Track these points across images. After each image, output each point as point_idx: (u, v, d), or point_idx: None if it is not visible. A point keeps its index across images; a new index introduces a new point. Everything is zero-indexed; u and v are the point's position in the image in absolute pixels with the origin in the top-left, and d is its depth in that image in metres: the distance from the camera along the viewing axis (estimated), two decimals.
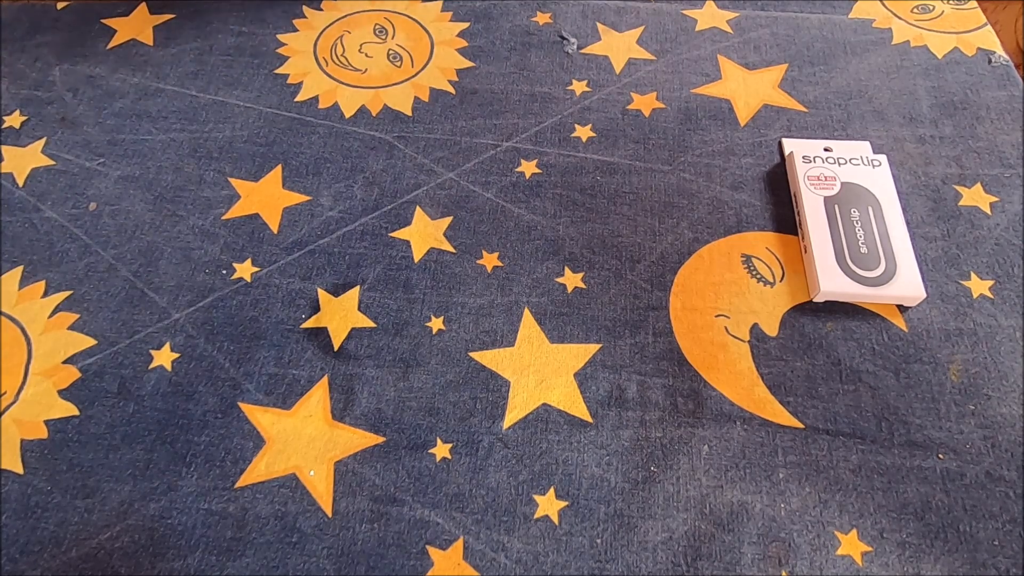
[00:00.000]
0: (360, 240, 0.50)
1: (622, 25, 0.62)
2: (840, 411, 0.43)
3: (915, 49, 0.59)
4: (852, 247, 0.47)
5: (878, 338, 0.46)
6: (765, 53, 0.60)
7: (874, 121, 0.55)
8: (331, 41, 0.61)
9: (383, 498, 0.41)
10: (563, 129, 0.56)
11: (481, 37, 0.61)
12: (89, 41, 0.61)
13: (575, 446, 0.42)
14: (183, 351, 0.46)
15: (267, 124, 0.56)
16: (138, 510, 0.41)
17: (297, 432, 0.43)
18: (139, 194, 0.53)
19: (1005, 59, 0.58)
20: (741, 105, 0.57)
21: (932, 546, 0.39)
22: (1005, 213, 0.50)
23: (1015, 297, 0.47)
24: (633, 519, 0.40)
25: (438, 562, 0.39)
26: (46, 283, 0.48)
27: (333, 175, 0.53)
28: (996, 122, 0.55)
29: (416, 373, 0.45)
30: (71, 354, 0.46)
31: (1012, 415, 0.43)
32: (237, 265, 0.49)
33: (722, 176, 0.53)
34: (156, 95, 0.58)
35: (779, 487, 0.41)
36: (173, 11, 0.63)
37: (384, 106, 0.57)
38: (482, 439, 0.43)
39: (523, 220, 0.51)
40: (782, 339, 0.46)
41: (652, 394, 0.44)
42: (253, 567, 0.39)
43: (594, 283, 0.48)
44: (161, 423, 0.43)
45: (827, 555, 0.39)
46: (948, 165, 0.53)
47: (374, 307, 0.47)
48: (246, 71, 0.59)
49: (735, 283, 0.48)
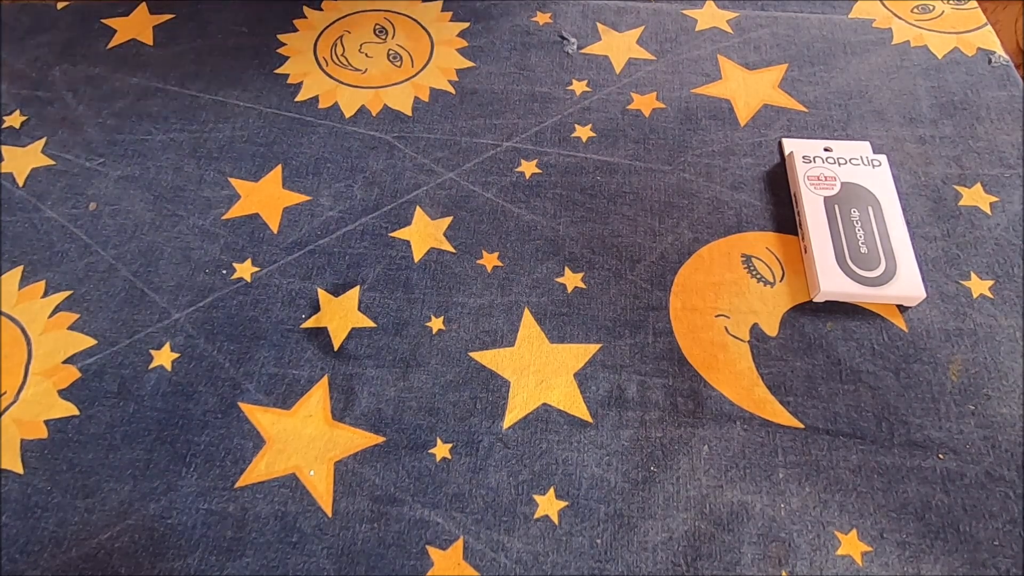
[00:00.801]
0: (360, 240, 0.50)
1: (622, 25, 0.62)
2: (840, 411, 0.43)
3: (915, 49, 0.59)
4: (852, 247, 0.47)
5: (878, 338, 0.46)
6: (765, 53, 0.60)
7: (874, 121, 0.55)
8: (331, 41, 0.61)
9: (383, 498, 0.41)
10: (563, 129, 0.56)
11: (481, 37, 0.61)
12: (89, 41, 0.61)
13: (575, 446, 0.42)
14: (183, 351, 0.46)
15: (267, 124, 0.56)
16: (138, 510, 0.41)
17: (297, 432, 0.43)
18: (139, 194, 0.53)
19: (1005, 59, 0.58)
20: (741, 105, 0.57)
21: (932, 546, 0.39)
22: (1005, 213, 0.50)
23: (1015, 297, 0.47)
24: (633, 519, 0.40)
25: (438, 562, 0.39)
26: (46, 283, 0.48)
27: (333, 175, 0.53)
28: (996, 122, 0.55)
29: (416, 373, 0.45)
30: (71, 354, 0.46)
31: (1012, 415, 0.43)
32: (237, 265, 0.49)
33: (722, 176, 0.53)
34: (156, 95, 0.58)
35: (779, 487, 0.41)
36: (173, 11, 0.63)
37: (384, 106, 0.57)
38: (482, 439, 0.43)
39: (523, 220, 0.51)
40: (782, 339, 0.46)
41: (652, 394, 0.44)
42: (253, 567, 0.39)
43: (594, 283, 0.48)
44: (161, 423, 0.43)
45: (827, 555, 0.39)
46: (948, 165, 0.53)
47: (374, 307, 0.47)
48: (246, 71, 0.59)
49: (735, 283, 0.48)
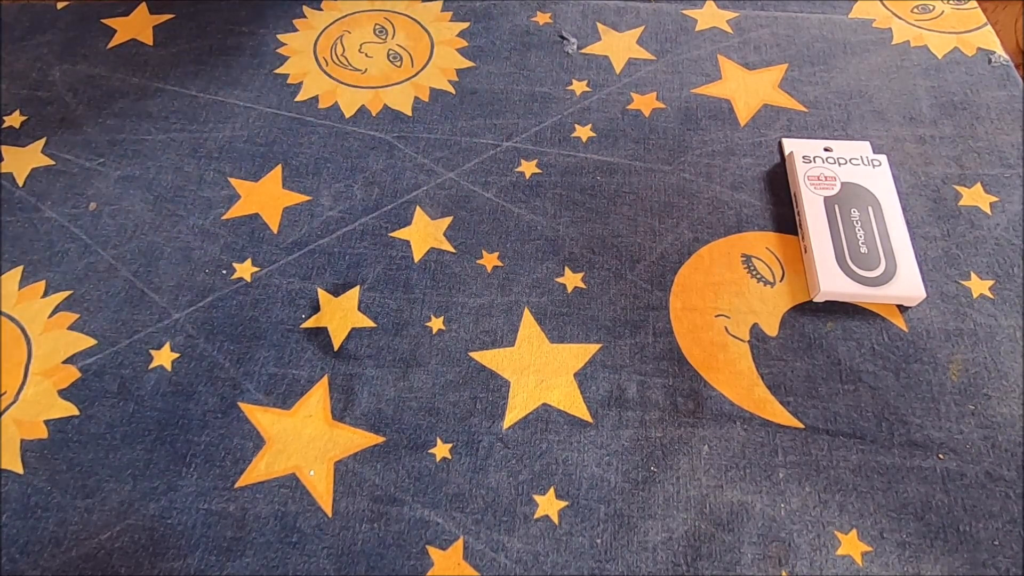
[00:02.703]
0: (360, 240, 0.50)
1: (622, 25, 0.62)
2: (840, 411, 0.43)
3: (915, 49, 0.59)
4: (852, 247, 0.47)
5: (878, 338, 0.46)
6: (765, 53, 0.60)
7: (874, 121, 0.55)
8: (331, 41, 0.61)
9: (383, 498, 0.41)
10: (563, 129, 0.56)
11: (481, 37, 0.61)
12: (89, 41, 0.61)
13: (575, 446, 0.42)
14: (183, 351, 0.46)
15: (267, 124, 0.56)
16: (138, 510, 0.41)
17: (297, 432, 0.43)
18: (139, 194, 0.53)
19: (1005, 59, 0.58)
20: (741, 105, 0.57)
21: (932, 546, 0.39)
22: (1005, 213, 0.50)
23: (1015, 297, 0.47)
24: (633, 519, 0.40)
25: (438, 562, 0.39)
26: (46, 283, 0.48)
27: (333, 175, 0.53)
28: (996, 122, 0.55)
29: (416, 373, 0.45)
30: (71, 354, 0.46)
31: (1012, 415, 0.43)
32: (237, 265, 0.49)
33: (722, 176, 0.53)
34: (156, 95, 0.58)
35: (779, 487, 0.41)
36: (173, 11, 0.63)
37: (384, 106, 0.57)
38: (482, 439, 0.43)
39: (523, 220, 0.51)
40: (782, 339, 0.46)
41: (652, 394, 0.44)
42: (253, 567, 0.39)
43: (594, 283, 0.48)
44: (161, 423, 0.43)
45: (827, 555, 0.39)
46: (948, 165, 0.53)
47: (374, 307, 0.47)
48: (246, 71, 0.59)
49: (735, 283, 0.48)
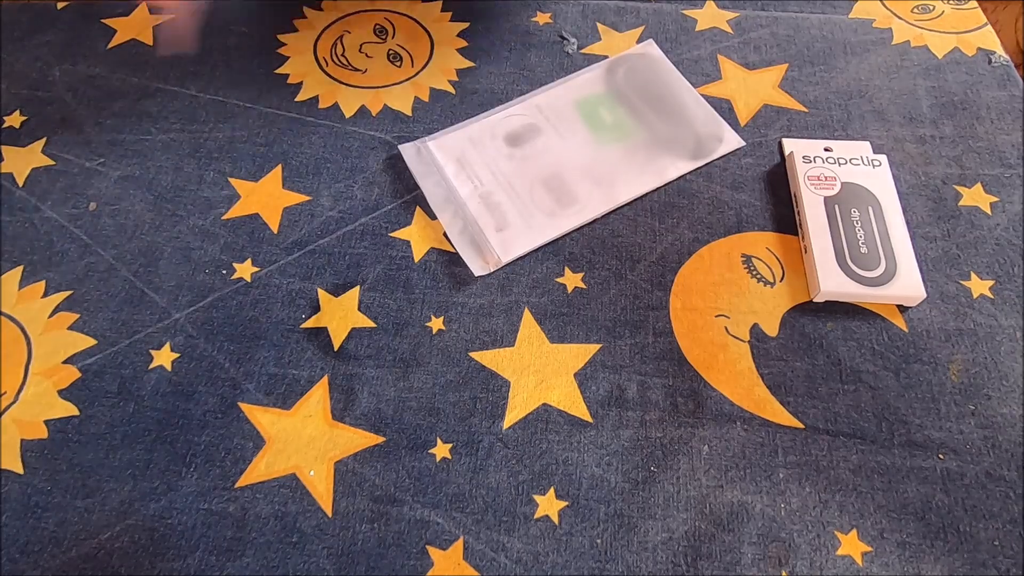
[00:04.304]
0: (360, 240, 0.50)
1: (622, 25, 0.62)
2: (840, 411, 0.43)
3: (915, 49, 0.59)
4: (852, 247, 0.47)
5: (878, 338, 0.46)
6: (765, 53, 0.60)
7: (874, 121, 0.55)
8: (331, 41, 0.61)
9: (383, 498, 0.41)
10: None
11: (481, 37, 0.61)
12: (89, 41, 0.61)
13: (575, 446, 0.42)
14: (183, 351, 0.46)
15: (267, 124, 0.56)
16: (138, 510, 0.41)
17: (297, 432, 0.43)
18: (139, 194, 0.53)
19: (1005, 59, 0.58)
20: (741, 105, 0.57)
21: (932, 546, 0.39)
22: (1005, 213, 0.50)
23: (1015, 297, 0.47)
24: (633, 519, 0.40)
25: (438, 562, 0.39)
26: (46, 283, 0.48)
27: (333, 175, 0.53)
28: (996, 122, 0.55)
29: (416, 373, 0.45)
30: (71, 354, 0.46)
31: (1012, 415, 0.43)
32: (237, 265, 0.49)
33: (722, 176, 0.53)
34: (156, 95, 0.58)
35: (779, 487, 0.41)
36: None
37: (384, 106, 0.57)
38: (482, 439, 0.43)
39: None
40: (782, 339, 0.46)
41: (652, 394, 0.44)
42: (253, 567, 0.39)
43: (594, 283, 0.48)
44: (161, 423, 0.43)
45: (827, 555, 0.39)
46: (948, 165, 0.53)
47: (374, 307, 0.47)
48: (246, 71, 0.59)
49: (735, 283, 0.48)
